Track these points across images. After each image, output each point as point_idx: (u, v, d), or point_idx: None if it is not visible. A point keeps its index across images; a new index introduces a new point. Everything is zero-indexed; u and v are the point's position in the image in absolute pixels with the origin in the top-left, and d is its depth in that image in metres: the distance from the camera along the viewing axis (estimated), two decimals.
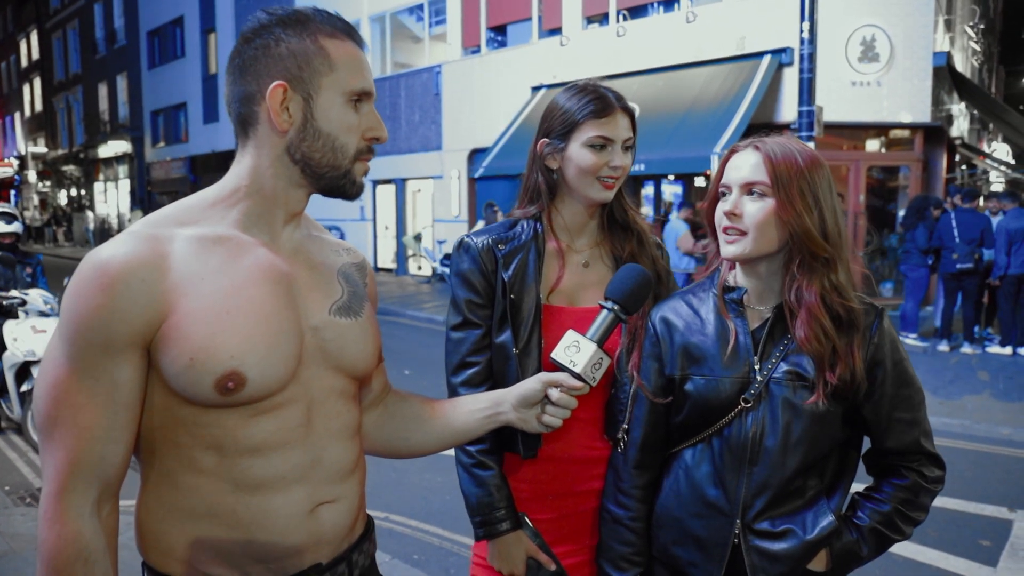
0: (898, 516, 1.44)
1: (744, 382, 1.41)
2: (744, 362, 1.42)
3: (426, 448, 1.37)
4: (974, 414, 6.05)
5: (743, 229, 1.39)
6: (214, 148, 22.11)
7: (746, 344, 1.42)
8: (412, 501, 4.39)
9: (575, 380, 1.31)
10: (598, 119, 1.55)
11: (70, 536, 0.99)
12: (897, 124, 10.45)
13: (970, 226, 7.98)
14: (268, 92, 1.07)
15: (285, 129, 1.08)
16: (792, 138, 1.43)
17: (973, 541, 3.98)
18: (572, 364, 1.31)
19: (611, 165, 1.56)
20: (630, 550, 1.54)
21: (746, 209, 1.38)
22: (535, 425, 1.35)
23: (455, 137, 14.86)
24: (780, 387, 1.39)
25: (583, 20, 12.77)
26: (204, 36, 22.62)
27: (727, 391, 1.41)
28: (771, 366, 1.40)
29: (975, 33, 15.67)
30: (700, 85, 10.69)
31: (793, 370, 1.38)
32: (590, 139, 1.56)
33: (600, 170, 1.56)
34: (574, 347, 1.32)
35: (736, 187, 1.41)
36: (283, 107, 1.07)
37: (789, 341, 1.40)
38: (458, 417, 1.36)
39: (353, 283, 1.23)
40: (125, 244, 1.01)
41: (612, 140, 1.56)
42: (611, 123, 1.56)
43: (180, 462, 1.06)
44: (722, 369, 1.42)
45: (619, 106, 1.58)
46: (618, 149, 1.57)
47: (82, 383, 0.99)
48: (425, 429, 1.36)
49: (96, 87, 29.51)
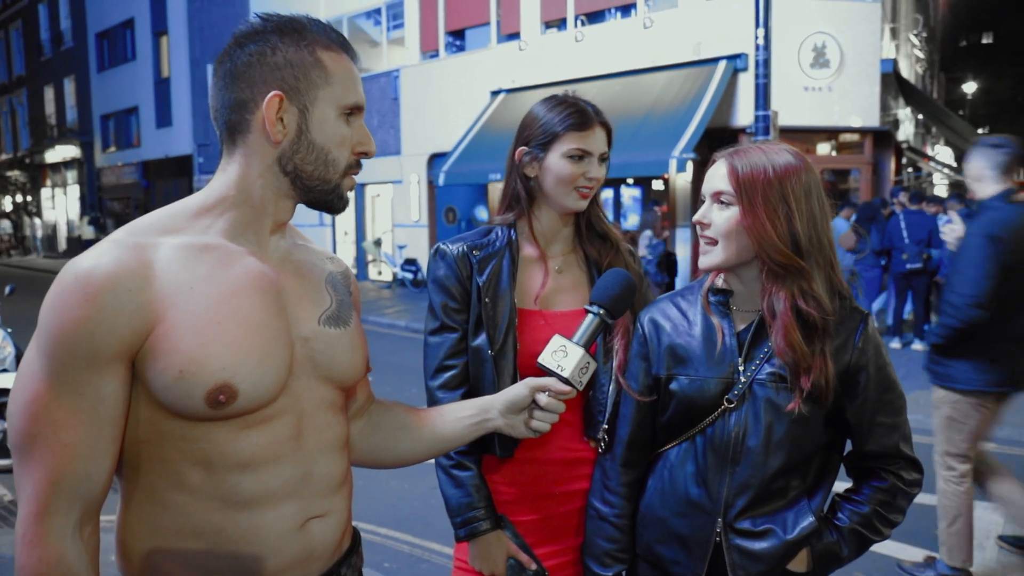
0: (876, 518, 1.47)
1: (728, 383, 1.44)
2: (729, 363, 1.45)
3: (414, 457, 1.36)
4: (926, 408, 6.23)
5: (713, 238, 1.42)
6: (167, 153, 21.60)
7: (731, 346, 1.45)
8: (380, 509, 4.35)
9: (563, 385, 1.32)
10: (578, 132, 1.60)
11: (52, 559, 0.95)
12: (848, 128, 10.75)
13: (918, 227, 8.23)
14: (265, 102, 1.04)
15: (279, 140, 1.07)
16: (777, 145, 1.44)
17: (931, 532, 4.09)
18: (560, 369, 1.32)
19: (588, 176, 1.61)
20: (615, 547, 1.56)
21: (714, 219, 1.42)
22: (523, 431, 1.35)
23: (414, 142, 14.79)
24: (763, 388, 1.41)
25: (541, 25, 12.83)
26: (156, 39, 22.08)
27: (711, 391, 1.44)
28: (755, 367, 1.43)
29: (919, 41, 16.22)
30: (658, 90, 10.84)
31: (776, 372, 1.41)
32: (569, 150, 1.60)
33: (577, 180, 1.61)
34: (561, 352, 1.33)
35: (708, 196, 1.44)
36: (278, 117, 1.05)
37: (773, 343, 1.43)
38: (445, 425, 1.35)
39: (340, 292, 1.22)
40: (109, 253, 0.97)
41: (590, 152, 1.61)
42: (590, 136, 1.61)
43: (166, 478, 1.03)
44: (707, 370, 1.46)
45: (598, 120, 1.63)
46: (595, 161, 1.62)
47: (64, 398, 0.95)
48: (413, 438, 1.35)
49: (42, 90, 28.56)
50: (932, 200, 9.05)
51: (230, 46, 1.08)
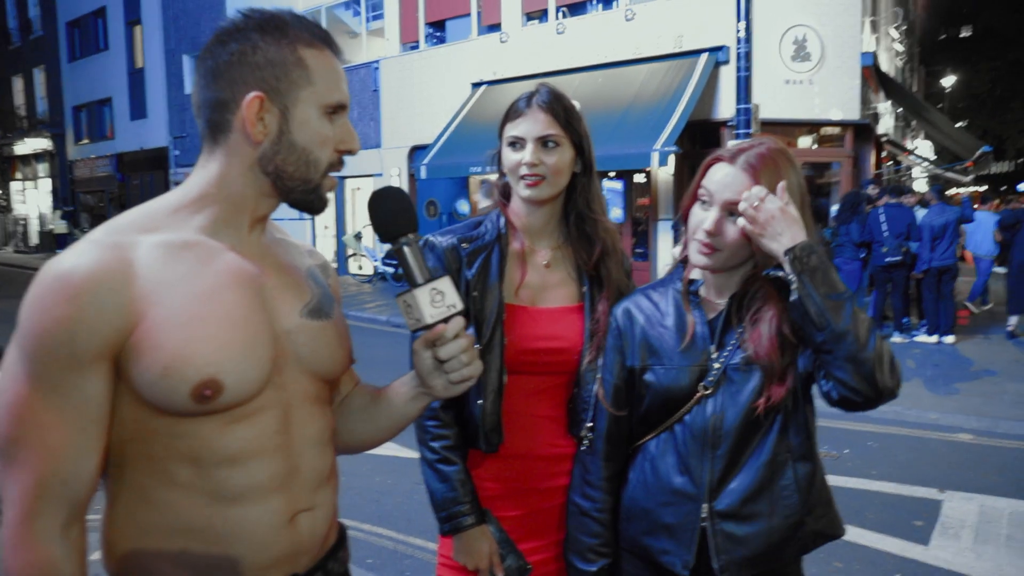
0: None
1: (703, 370, 1.46)
2: (702, 351, 1.47)
3: (372, 439, 1.28)
4: (905, 400, 6.32)
5: (718, 247, 1.43)
6: (143, 145, 21.23)
7: (703, 334, 1.48)
8: (363, 504, 4.32)
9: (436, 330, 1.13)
10: (512, 120, 1.63)
11: (41, 563, 0.94)
12: (828, 121, 10.82)
13: (898, 220, 8.32)
14: (245, 103, 1.03)
15: (259, 140, 1.05)
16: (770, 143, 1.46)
17: (907, 522, 4.16)
18: (417, 321, 1.13)
19: (523, 162, 1.59)
20: (597, 542, 1.56)
21: (726, 230, 1.42)
22: (454, 389, 1.18)
23: (394, 134, 14.69)
24: (737, 372, 1.44)
25: (523, 16, 12.78)
26: (129, 28, 21.68)
27: (687, 380, 1.46)
28: (727, 354, 1.45)
29: (899, 34, 16.37)
30: (639, 82, 10.84)
31: (749, 356, 1.43)
32: (507, 139, 1.63)
33: (518, 169, 1.60)
34: (407, 309, 1.14)
35: (718, 205, 1.43)
36: (258, 118, 1.04)
37: (744, 330, 1.46)
38: (394, 401, 1.24)
39: (321, 284, 1.21)
40: (88, 253, 0.97)
41: (523, 138, 1.60)
42: (523, 122, 1.61)
43: (153, 476, 1.02)
44: (681, 359, 1.47)
45: (535, 103, 1.61)
46: (530, 146, 1.59)
47: (47, 400, 0.94)
48: (368, 418, 1.27)
49: (10, 80, 27.98)
50: (907, 192, 9.15)
51: (212, 43, 1.06)
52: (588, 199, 1.68)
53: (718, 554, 1.43)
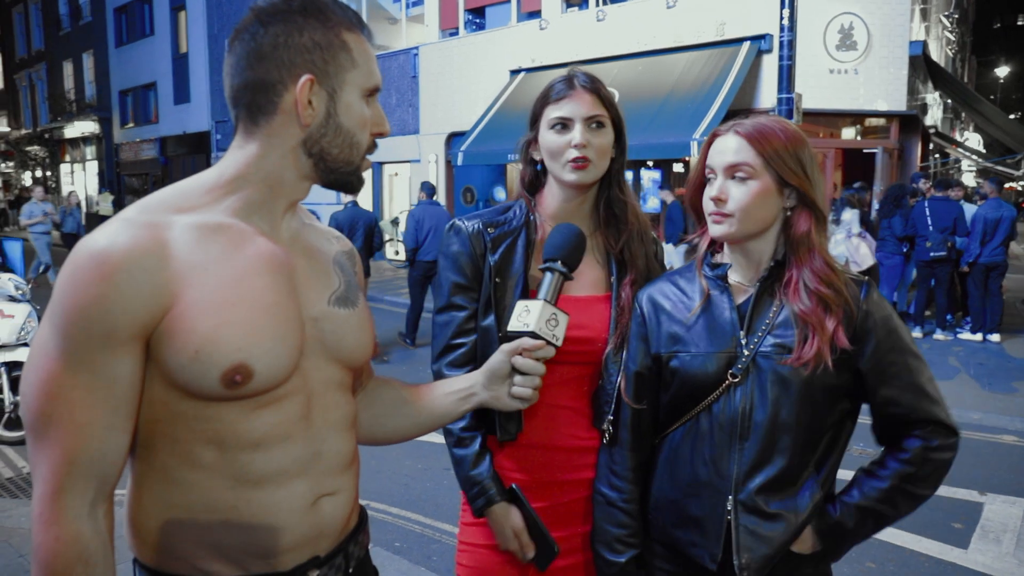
0: (898, 492, 1.41)
1: (731, 357, 1.42)
2: (731, 337, 1.43)
3: (403, 433, 1.37)
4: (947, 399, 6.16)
5: (728, 212, 1.41)
6: (185, 129, 21.65)
7: (732, 319, 1.44)
8: (392, 488, 4.37)
9: (533, 340, 1.31)
10: (556, 102, 1.59)
11: (69, 538, 0.95)
12: (873, 112, 10.55)
13: (943, 214, 8.10)
14: (299, 86, 1.04)
15: (309, 123, 1.06)
16: (772, 116, 1.45)
17: (946, 524, 4.06)
18: (525, 325, 1.31)
19: (573, 144, 1.56)
20: (625, 532, 1.54)
21: (731, 193, 1.40)
22: (508, 402, 1.33)
23: (433, 120, 14.72)
24: (768, 360, 1.39)
25: (563, 3, 12.67)
26: (174, 14, 22.04)
27: (714, 367, 1.42)
28: (757, 340, 1.40)
29: (950, 23, 15.86)
30: (680, 71, 10.68)
31: (780, 343, 1.38)
32: (550, 121, 1.59)
33: (565, 151, 1.57)
34: (524, 312, 1.34)
35: (720, 171, 1.42)
36: (307, 100, 1.05)
37: (775, 314, 1.41)
38: (435, 400, 1.36)
39: (347, 272, 1.22)
40: (124, 231, 0.97)
41: (571, 119, 1.57)
42: (568, 103, 1.58)
43: (178, 457, 1.03)
44: (708, 344, 1.44)
45: (578, 84, 1.59)
46: (579, 127, 1.57)
47: (79, 378, 0.94)
48: (404, 413, 1.36)
49: (61, 65, 28.67)
50: (957, 185, 8.87)
51: (250, 23, 1.06)
52: (620, 183, 1.67)
53: (739, 551, 1.40)
